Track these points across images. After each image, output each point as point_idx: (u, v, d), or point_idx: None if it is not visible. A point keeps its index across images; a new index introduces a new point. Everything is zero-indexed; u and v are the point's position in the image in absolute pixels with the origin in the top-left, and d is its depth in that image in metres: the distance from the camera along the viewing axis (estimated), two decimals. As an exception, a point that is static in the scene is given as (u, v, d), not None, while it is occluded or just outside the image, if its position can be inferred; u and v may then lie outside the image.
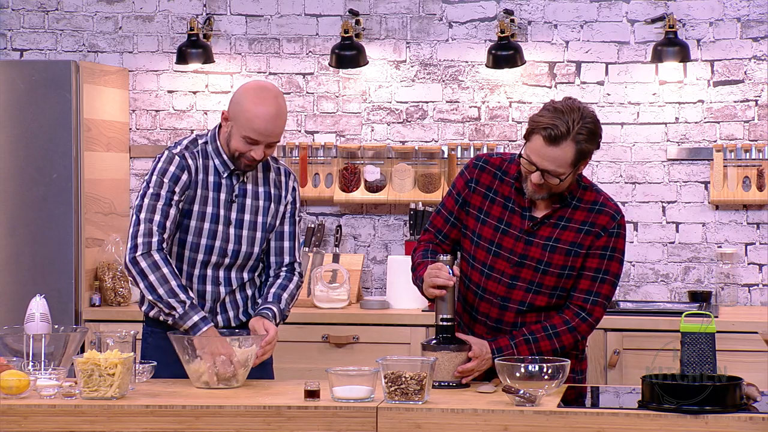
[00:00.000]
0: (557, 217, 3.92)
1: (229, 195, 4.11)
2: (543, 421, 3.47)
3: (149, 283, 3.94)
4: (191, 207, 4.07)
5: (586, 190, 3.96)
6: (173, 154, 4.08)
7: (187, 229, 4.09)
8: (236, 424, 3.55)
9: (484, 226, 3.96)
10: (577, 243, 3.91)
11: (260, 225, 4.16)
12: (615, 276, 3.95)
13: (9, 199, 5.75)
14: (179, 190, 4.04)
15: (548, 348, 3.90)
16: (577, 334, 3.94)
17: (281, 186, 4.20)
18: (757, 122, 5.95)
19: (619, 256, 3.95)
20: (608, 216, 3.93)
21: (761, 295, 5.97)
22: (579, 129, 3.77)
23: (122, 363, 3.62)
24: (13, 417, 3.57)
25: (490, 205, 3.97)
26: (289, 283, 4.19)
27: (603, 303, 3.95)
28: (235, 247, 4.12)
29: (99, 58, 6.30)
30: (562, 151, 3.76)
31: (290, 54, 6.22)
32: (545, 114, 3.79)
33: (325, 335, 5.61)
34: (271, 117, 3.98)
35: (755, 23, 5.94)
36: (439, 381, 3.82)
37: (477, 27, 6.11)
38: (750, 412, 3.45)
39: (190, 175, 4.06)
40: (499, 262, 3.94)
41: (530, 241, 3.92)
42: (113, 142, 6.09)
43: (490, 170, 3.99)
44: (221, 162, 4.10)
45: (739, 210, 5.97)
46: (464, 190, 4.01)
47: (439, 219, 4.06)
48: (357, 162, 6.15)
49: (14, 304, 5.40)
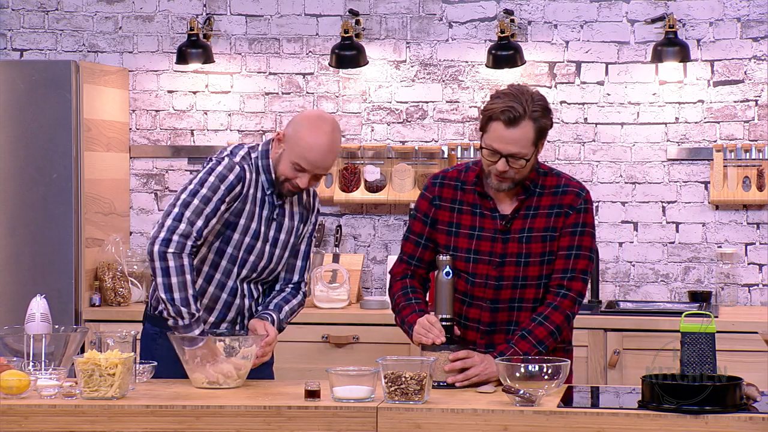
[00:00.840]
0: (525, 208, 3.97)
1: (271, 213, 4.12)
2: (543, 421, 3.47)
3: (169, 283, 3.89)
4: (237, 220, 4.07)
5: (547, 176, 4.02)
6: (234, 163, 4.03)
7: (229, 241, 4.08)
8: (236, 424, 3.55)
9: (458, 238, 4.01)
10: (550, 227, 3.96)
11: (289, 245, 4.19)
12: (589, 250, 3.99)
13: (9, 199, 5.75)
14: (229, 200, 4.01)
15: (544, 333, 3.91)
16: (563, 310, 3.94)
17: (310, 207, 4.24)
18: (757, 122, 5.95)
19: (589, 230, 4.00)
20: (573, 194, 3.98)
21: (761, 295, 5.97)
22: (533, 107, 3.85)
23: (122, 363, 3.62)
24: (14, 417, 3.57)
25: (459, 216, 4.02)
26: (293, 299, 4.22)
27: (581, 277, 3.97)
28: (265, 264, 4.14)
29: (99, 58, 6.30)
30: (523, 130, 3.84)
31: (290, 54, 6.22)
32: (498, 101, 3.87)
33: (325, 335, 5.61)
34: (325, 149, 3.99)
35: (755, 23, 5.94)
36: (438, 381, 3.81)
37: (477, 27, 6.11)
38: (750, 412, 3.45)
39: (242, 188, 4.04)
40: (480, 267, 3.98)
41: (506, 238, 3.96)
42: (113, 142, 6.09)
43: (449, 184, 4.05)
44: (268, 179, 4.09)
45: (739, 210, 5.97)
46: (430, 210, 4.06)
47: (409, 245, 4.11)
48: (357, 162, 6.15)
49: (14, 304, 5.40)
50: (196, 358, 3.85)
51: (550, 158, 6.05)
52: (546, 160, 6.05)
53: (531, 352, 3.86)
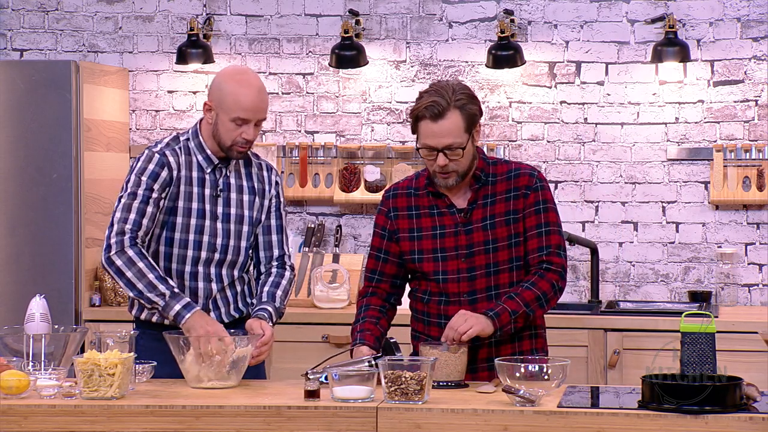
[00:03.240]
0: (482, 198, 4.02)
1: (214, 190, 4.14)
2: (543, 421, 3.47)
3: (127, 279, 3.97)
4: (176, 203, 4.10)
5: (497, 165, 4.08)
6: (153, 153, 4.10)
7: (173, 226, 4.11)
8: (236, 424, 3.55)
9: (421, 241, 4.05)
10: (510, 210, 4.01)
11: (246, 218, 4.18)
12: (556, 224, 4.05)
13: (9, 199, 5.75)
14: (158, 187, 4.06)
15: (531, 297, 3.94)
16: (549, 279, 3.98)
17: (264, 180, 4.24)
18: (757, 122, 5.95)
19: (551, 206, 4.06)
20: (526, 175, 4.05)
21: (761, 295, 5.97)
22: (456, 96, 3.91)
23: (122, 363, 3.62)
24: (13, 417, 3.57)
25: (418, 221, 4.07)
26: (282, 279, 4.21)
27: (557, 252, 4.02)
28: (223, 241, 4.14)
29: (99, 58, 6.30)
30: (451, 120, 3.90)
31: (290, 54, 6.22)
32: (421, 100, 3.94)
33: (325, 335, 5.61)
34: (256, 92, 4.05)
35: (755, 23, 5.94)
36: (438, 381, 3.82)
37: (477, 27, 6.11)
38: (750, 412, 3.45)
39: (170, 172, 4.08)
40: (450, 264, 4.02)
41: (469, 229, 4.01)
42: (113, 142, 6.09)
43: (402, 193, 4.12)
44: (204, 157, 4.13)
45: (739, 210, 5.98)
46: (387, 222, 4.11)
47: (371, 261, 4.18)
48: (357, 162, 6.15)
49: (14, 304, 5.40)
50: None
51: (551, 158, 6.05)
52: (546, 160, 6.05)
53: (519, 310, 3.90)
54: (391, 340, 3.96)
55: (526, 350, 4.05)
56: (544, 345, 4.13)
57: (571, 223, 6.01)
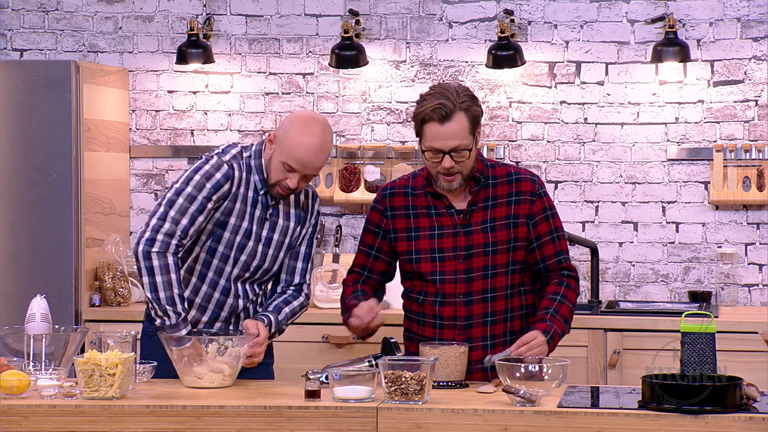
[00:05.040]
0: (482, 200, 4.04)
1: (264, 212, 4.12)
2: (543, 421, 3.48)
3: (154, 282, 3.90)
4: (227, 219, 4.08)
5: (495, 167, 4.10)
6: (222, 162, 4.05)
7: (220, 240, 4.09)
8: (237, 424, 3.55)
9: (418, 241, 4.06)
10: (511, 214, 4.04)
11: (284, 245, 4.19)
12: (562, 230, 4.17)
13: (9, 199, 5.75)
14: (216, 198, 4.02)
15: (567, 312, 4.05)
16: (575, 289, 4.11)
17: (308, 209, 4.23)
18: (757, 122, 5.95)
19: (555, 211, 4.14)
20: (528, 181, 4.09)
21: (761, 295, 5.97)
22: (461, 98, 3.93)
23: (122, 363, 3.62)
24: (14, 417, 3.57)
25: (416, 221, 4.07)
26: (294, 300, 4.22)
27: (568, 257, 4.14)
28: (258, 263, 4.15)
29: (99, 58, 6.30)
30: (458, 123, 3.91)
31: (290, 54, 6.22)
32: (426, 102, 3.94)
33: (325, 335, 5.61)
34: (315, 149, 3.99)
35: (755, 23, 5.94)
36: (438, 381, 3.82)
37: (477, 27, 6.11)
38: (750, 412, 3.45)
39: (231, 186, 4.05)
40: (447, 265, 4.03)
41: (469, 231, 4.03)
42: (113, 142, 6.09)
43: (399, 193, 4.12)
44: (261, 179, 4.10)
45: (739, 210, 5.98)
46: (382, 221, 4.12)
47: (361, 257, 4.19)
48: (357, 162, 6.15)
49: (14, 304, 5.40)
50: (184, 358, 3.85)
51: (551, 158, 6.05)
52: (546, 160, 6.05)
53: (565, 332, 4.03)
54: (391, 340, 3.96)
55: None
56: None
57: (571, 223, 6.01)
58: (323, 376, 3.77)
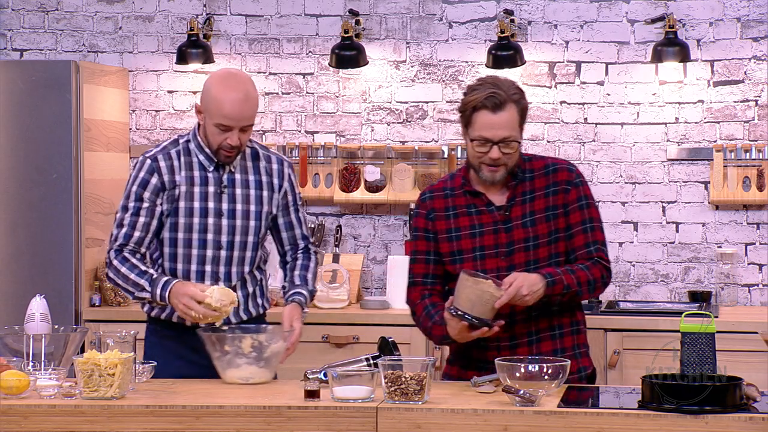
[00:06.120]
0: (521, 194, 3.99)
1: (218, 187, 4.14)
2: (543, 421, 3.47)
3: (121, 286, 4.11)
4: (177, 205, 4.12)
5: (532, 160, 4.05)
6: (145, 159, 4.15)
7: (176, 227, 4.14)
8: (236, 424, 3.55)
9: (460, 241, 4.01)
10: (550, 206, 3.98)
11: (253, 213, 4.19)
12: (599, 220, 4.05)
13: (9, 199, 5.75)
14: (149, 195, 4.10)
15: (585, 278, 3.91)
16: (600, 269, 3.97)
17: (273, 173, 4.23)
18: (757, 122, 5.95)
19: (592, 201, 4.06)
20: (565, 171, 4.03)
21: (761, 295, 5.97)
22: (512, 90, 3.91)
23: (122, 363, 3.62)
24: (13, 417, 3.57)
25: (456, 221, 4.02)
26: (309, 262, 4.32)
27: (602, 248, 4.02)
28: (228, 237, 4.15)
29: (99, 58, 6.30)
30: (509, 113, 3.88)
31: (290, 54, 6.22)
32: (477, 92, 3.90)
33: (325, 335, 5.61)
34: (241, 100, 4.04)
35: (755, 23, 5.94)
36: (465, 313, 3.74)
37: (477, 27, 6.11)
38: (750, 412, 3.45)
39: (161, 177, 4.11)
40: (489, 262, 3.97)
41: (509, 227, 3.97)
42: (113, 142, 6.09)
43: (438, 195, 4.07)
44: (205, 156, 4.14)
45: (739, 210, 5.98)
46: (427, 224, 4.06)
47: (419, 265, 4.08)
48: (357, 162, 6.15)
49: (14, 304, 5.40)
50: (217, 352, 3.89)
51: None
52: (546, 160, 6.05)
53: (572, 287, 3.88)
54: (389, 340, 3.95)
55: (568, 347, 4.01)
56: (585, 340, 4.10)
57: (571, 223, 6.00)
58: (321, 373, 3.77)
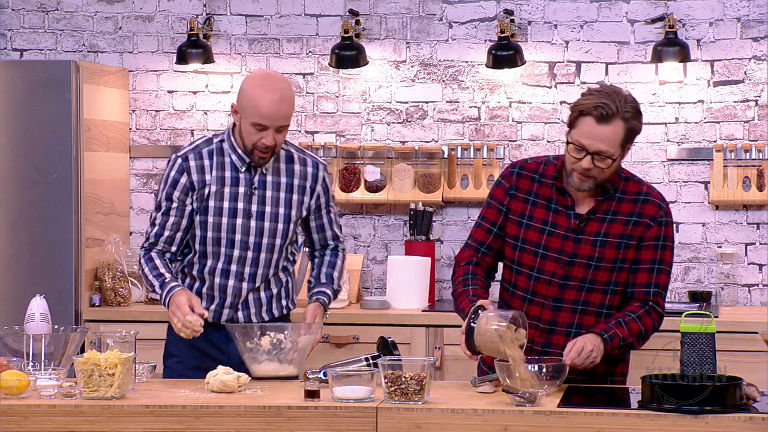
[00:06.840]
0: (603, 212, 3.89)
1: (248, 188, 4.16)
2: (543, 421, 3.47)
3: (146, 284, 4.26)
4: (206, 204, 4.15)
5: (629, 181, 3.94)
6: (176, 158, 4.20)
7: (205, 226, 4.17)
8: (236, 424, 3.55)
9: (528, 230, 3.92)
10: (626, 235, 3.88)
11: (282, 216, 4.21)
12: (669, 264, 3.95)
13: (9, 199, 5.75)
14: (179, 194, 4.15)
15: (636, 330, 3.86)
16: (653, 318, 3.91)
17: (307, 177, 4.25)
18: (757, 122, 5.95)
19: (670, 244, 3.94)
20: (655, 205, 3.92)
21: (761, 295, 5.97)
22: (626, 107, 3.79)
23: (122, 363, 3.62)
24: (13, 417, 3.57)
25: (533, 209, 3.93)
26: (337, 259, 4.39)
27: (662, 293, 3.95)
28: (256, 239, 4.18)
29: (99, 58, 6.30)
30: (613, 129, 3.77)
31: (290, 54, 6.22)
32: (590, 97, 3.80)
33: (325, 335, 5.61)
34: (277, 100, 4.05)
35: (755, 23, 5.94)
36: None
37: (477, 27, 6.11)
38: (750, 412, 3.45)
39: (189, 177, 4.15)
40: (547, 264, 3.90)
41: (579, 238, 3.88)
42: (113, 142, 6.09)
43: (527, 175, 3.96)
44: (238, 157, 4.17)
45: (739, 210, 5.97)
46: (505, 198, 3.97)
47: (481, 232, 4.01)
48: (357, 162, 6.15)
49: (14, 304, 5.39)
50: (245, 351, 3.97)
51: (550, 158, 6.05)
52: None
53: (627, 340, 3.85)
54: (389, 340, 3.95)
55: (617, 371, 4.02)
56: (625, 368, 4.08)
57: (571, 223, 6.00)
58: (321, 373, 3.77)
